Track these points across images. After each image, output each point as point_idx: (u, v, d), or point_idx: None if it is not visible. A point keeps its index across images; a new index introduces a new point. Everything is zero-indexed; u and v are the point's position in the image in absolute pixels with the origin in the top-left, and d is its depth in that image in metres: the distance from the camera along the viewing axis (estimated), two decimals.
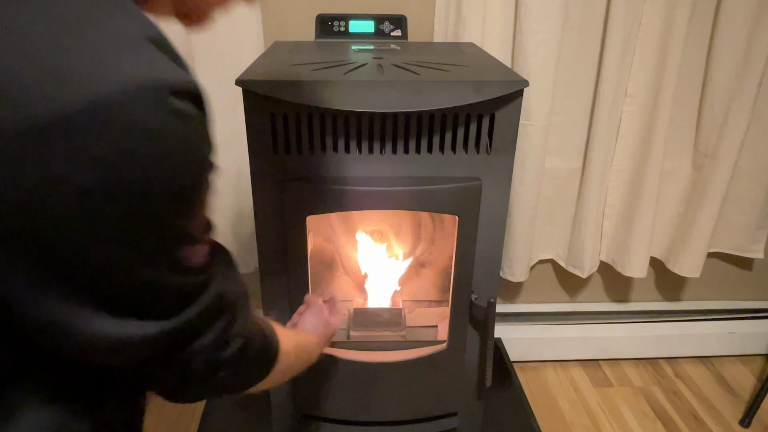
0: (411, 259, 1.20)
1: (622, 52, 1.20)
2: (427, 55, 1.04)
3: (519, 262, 1.37)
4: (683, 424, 1.36)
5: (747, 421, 1.36)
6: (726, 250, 1.49)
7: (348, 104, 0.82)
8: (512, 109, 0.87)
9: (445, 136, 0.88)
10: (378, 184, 0.89)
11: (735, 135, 1.27)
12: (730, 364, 1.57)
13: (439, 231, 1.16)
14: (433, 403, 1.08)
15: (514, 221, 1.33)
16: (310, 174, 0.88)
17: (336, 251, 1.21)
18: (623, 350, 1.55)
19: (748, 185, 1.39)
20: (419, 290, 1.24)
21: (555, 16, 1.16)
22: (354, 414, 1.08)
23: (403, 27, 1.19)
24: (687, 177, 1.39)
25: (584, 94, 1.30)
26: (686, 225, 1.39)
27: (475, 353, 1.05)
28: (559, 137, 1.33)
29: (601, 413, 1.39)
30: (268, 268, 0.96)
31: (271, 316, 1.00)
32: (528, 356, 1.54)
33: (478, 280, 0.98)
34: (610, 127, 1.27)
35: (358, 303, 1.23)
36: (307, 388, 1.05)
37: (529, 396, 1.38)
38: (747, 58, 1.21)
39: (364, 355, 1.05)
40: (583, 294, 1.58)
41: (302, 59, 0.97)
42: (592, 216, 1.34)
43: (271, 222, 0.92)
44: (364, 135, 0.87)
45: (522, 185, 1.29)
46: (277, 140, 0.87)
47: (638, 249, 1.37)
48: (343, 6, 1.22)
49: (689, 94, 1.32)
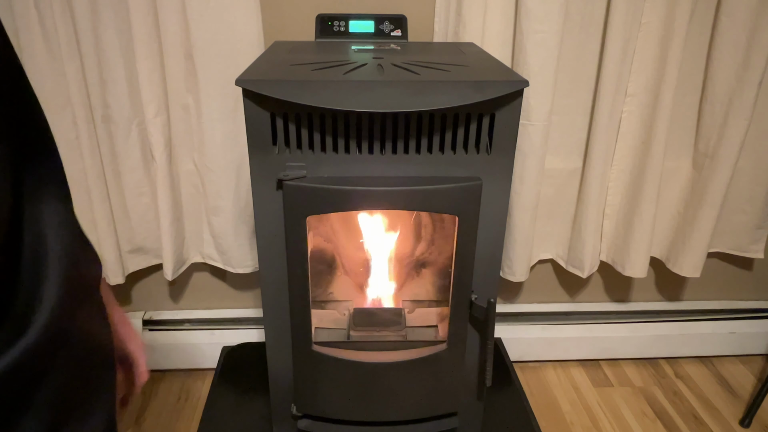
0: (411, 259, 1.20)
1: (622, 52, 1.20)
2: (427, 55, 1.04)
3: (519, 262, 1.37)
4: (683, 424, 1.36)
5: (747, 421, 1.36)
6: (726, 250, 1.49)
7: (348, 104, 0.82)
8: (512, 109, 0.87)
9: (445, 136, 0.88)
10: (378, 184, 0.89)
11: (735, 135, 1.27)
12: (730, 364, 1.57)
13: (439, 231, 1.16)
14: (433, 403, 1.08)
15: (514, 221, 1.33)
16: (310, 174, 0.89)
17: (336, 251, 1.21)
18: (623, 350, 1.56)
19: (748, 185, 1.39)
20: (419, 290, 1.24)
21: (555, 16, 1.16)
22: (354, 414, 1.08)
23: (403, 27, 1.19)
24: (687, 177, 1.39)
25: (584, 94, 1.30)
26: (686, 225, 1.39)
27: (475, 353, 1.05)
28: (559, 137, 1.33)
29: (601, 413, 1.39)
30: (268, 268, 0.96)
31: (270, 317, 1.00)
32: (528, 356, 1.54)
33: (478, 280, 0.98)
34: (610, 127, 1.27)
35: (358, 303, 1.23)
36: (307, 388, 1.05)
37: (529, 396, 1.38)
38: (747, 58, 1.21)
39: (364, 355, 1.05)
40: (583, 294, 1.58)
41: (302, 59, 0.97)
42: (592, 216, 1.34)
43: (271, 222, 0.92)
44: (364, 135, 0.87)
45: (522, 185, 1.29)
46: (277, 140, 0.87)
47: (638, 249, 1.37)
48: (343, 6, 1.22)
49: (689, 94, 1.32)
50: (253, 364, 1.40)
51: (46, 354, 0.37)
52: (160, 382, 1.45)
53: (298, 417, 1.09)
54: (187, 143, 1.29)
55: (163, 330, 1.47)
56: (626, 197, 1.37)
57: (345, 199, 0.89)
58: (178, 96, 1.23)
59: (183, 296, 1.50)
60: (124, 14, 1.14)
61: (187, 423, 1.33)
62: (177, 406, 1.38)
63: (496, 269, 0.99)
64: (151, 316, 1.48)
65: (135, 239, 1.34)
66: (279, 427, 1.11)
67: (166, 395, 1.42)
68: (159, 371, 1.48)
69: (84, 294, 0.43)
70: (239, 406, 1.29)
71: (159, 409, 1.37)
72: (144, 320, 1.47)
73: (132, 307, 1.50)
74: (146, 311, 1.49)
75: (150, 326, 1.47)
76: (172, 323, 1.48)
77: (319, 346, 1.03)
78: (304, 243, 0.92)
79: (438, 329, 1.17)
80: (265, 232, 0.93)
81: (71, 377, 0.40)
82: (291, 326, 1.00)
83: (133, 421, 1.33)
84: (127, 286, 1.46)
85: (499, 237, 0.97)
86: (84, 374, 0.42)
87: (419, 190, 0.89)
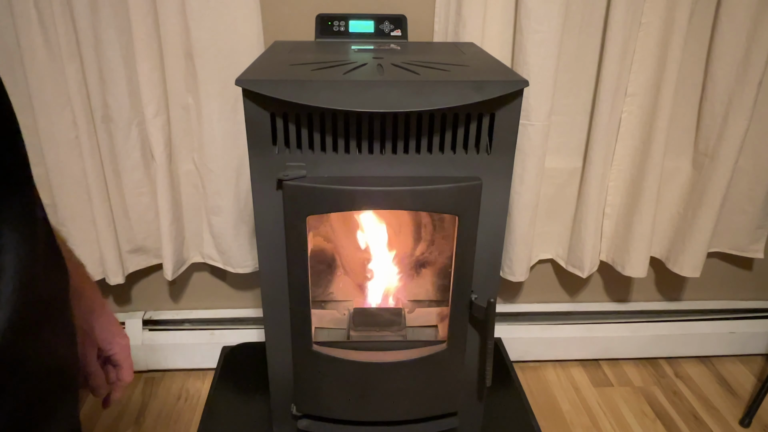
0: (411, 259, 1.20)
1: (622, 52, 1.20)
2: (427, 55, 1.04)
3: (519, 262, 1.37)
4: (683, 424, 1.36)
5: (747, 421, 1.36)
6: (726, 249, 1.49)
7: (348, 104, 0.82)
8: (512, 109, 0.87)
9: (445, 136, 0.88)
10: (378, 184, 0.89)
11: (735, 135, 1.27)
12: (730, 364, 1.57)
13: (439, 231, 1.16)
14: (433, 403, 1.08)
15: (514, 221, 1.33)
16: (310, 174, 0.89)
17: (336, 251, 1.21)
18: (623, 350, 1.56)
19: (748, 185, 1.39)
20: (419, 290, 1.24)
21: (555, 16, 1.16)
22: (354, 414, 1.08)
23: (403, 27, 1.19)
24: (687, 177, 1.39)
25: (584, 94, 1.30)
26: (686, 225, 1.39)
27: (475, 353, 1.05)
28: (559, 137, 1.33)
29: (601, 413, 1.39)
30: (268, 268, 0.96)
31: (270, 317, 1.00)
32: (528, 356, 1.54)
33: (478, 280, 0.98)
34: (610, 127, 1.27)
35: (358, 303, 1.23)
36: (307, 388, 1.05)
37: (529, 396, 1.38)
38: (747, 58, 1.21)
39: (364, 355, 1.05)
40: (583, 294, 1.58)
41: (302, 59, 0.97)
42: (592, 216, 1.34)
43: (271, 222, 0.92)
44: (364, 135, 0.87)
45: (522, 185, 1.29)
46: (276, 140, 0.87)
47: (638, 249, 1.37)
48: (343, 6, 1.22)
49: (689, 94, 1.32)
50: (253, 364, 1.40)
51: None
52: (160, 382, 1.45)
53: (298, 417, 1.09)
54: (187, 143, 1.29)
55: (163, 330, 1.47)
56: (626, 197, 1.37)
57: (345, 199, 0.89)
58: (178, 96, 1.23)
59: (183, 296, 1.50)
60: (124, 14, 1.14)
61: (187, 423, 1.33)
62: (177, 406, 1.38)
63: (496, 269, 0.99)
64: (151, 316, 1.48)
65: (135, 239, 1.34)
66: (279, 427, 1.11)
67: (166, 395, 1.41)
68: (159, 371, 1.48)
69: (44, 313, 0.41)
70: (239, 406, 1.29)
71: (159, 409, 1.37)
72: (144, 320, 1.47)
73: (132, 307, 1.50)
74: (146, 311, 1.49)
75: (150, 326, 1.47)
76: (172, 323, 1.48)
77: (319, 346, 1.03)
78: (304, 243, 0.92)
79: (438, 329, 1.17)
80: (265, 232, 0.93)
81: (24, 402, 0.39)
82: (291, 326, 1.00)
83: (133, 421, 1.33)
84: (127, 286, 1.46)
85: (499, 237, 0.97)
86: (40, 396, 0.41)
87: (419, 190, 0.89)
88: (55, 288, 0.44)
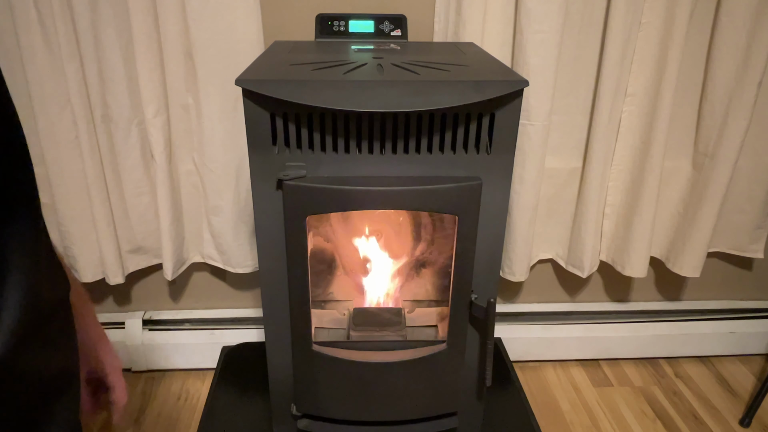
0: (411, 259, 1.20)
1: (622, 52, 1.20)
2: (427, 55, 1.04)
3: (519, 262, 1.37)
4: (683, 424, 1.36)
5: (747, 421, 1.36)
6: (726, 249, 1.49)
7: (348, 104, 0.82)
8: (512, 109, 0.87)
9: (445, 136, 0.88)
10: (378, 184, 0.89)
11: (735, 135, 1.27)
12: (730, 363, 1.57)
13: (439, 231, 1.16)
14: (433, 403, 1.08)
15: (514, 221, 1.33)
16: (310, 174, 0.89)
17: (336, 251, 1.21)
18: (623, 350, 1.56)
19: (747, 185, 1.39)
20: (419, 290, 1.24)
21: (555, 15, 1.16)
22: (354, 414, 1.08)
23: (403, 27, 1.19)
24: (687, 177, 1.39)
25: (584, 94, 1.30)
26: (686, 225, 1.39)
27: (475, 353, 1.05)
28: (559, 137, 1.33)
29: (601, 413, 1.39)
30: (268, 268, 0.96)
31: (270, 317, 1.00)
32: (528, 356, 1.54)
33: (478, 280, 0.98)
34: (610, 126, 1.27)
35: (358, 303, 1.23)
36: (307, 388, 1.05)
37: (529, 396, 1.38)
38: (747, 58, 1.21)
39: (364, 355, 1.05)
40: (583, 294, 1.58)
41: (302, 59, 0.97)
42: (592, 216, 1.34)
43: (271, 222, 0.92)
44: (364, 135, 0.87)
45: (522, 185, 1.29)
46: (276, 140, 0.87)
47: (638, 249, 1.37)
48: (343, 6, 1.22)
49: (689, 94, 1.32)
50: (253, 364, 1.40)
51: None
52: (160, 382, 1.45)
53: (298, 417, 1.09)
54: (187, 143, 1.29)
55: (163, 330, 1.47)
56: (626, 197, 1.37)
57: (345, 199, 0.89)
58: (177, 96, 1.23)
59: (183, 296, 1.50)
60: (124, 14, 1.14)
61: (187, 423, 1.33)
62: (177, 406, 1.38)
63: (496, 269, 0.99)
64: (151, 316, 1.48)
65: (135, 239, 1.34)
66: (279, 427, 1.11)
67: (166, 395, 1.41)
68: (159, 371, 1.48)
69: (48, 316, 0.42)
70: (239, 406, 1.29)
71: (159, 409, 1.37)
72: (144, 320, 1.47)
73: (132, 307, 1.50)
74: (146, 311, 1.49)
75: (150, 326, 1.47)
76: (172, 323, 1.48)
77: (319, 346, 1.03)
78: (304, 243, 0.92)
79: (438, 329, 1.17)
80: (265, 232, 0.93)
81: (27, 402, 0.40)
82: (291, 326, 1.00)
83: (133, 421, 1.33)
84: (127, 285, 1.46)
85: (499, 237, 0.97)
86: (43, 398, 0.42)
87: (419, 190, 0.89)
88: (58, 293, 0.45)
